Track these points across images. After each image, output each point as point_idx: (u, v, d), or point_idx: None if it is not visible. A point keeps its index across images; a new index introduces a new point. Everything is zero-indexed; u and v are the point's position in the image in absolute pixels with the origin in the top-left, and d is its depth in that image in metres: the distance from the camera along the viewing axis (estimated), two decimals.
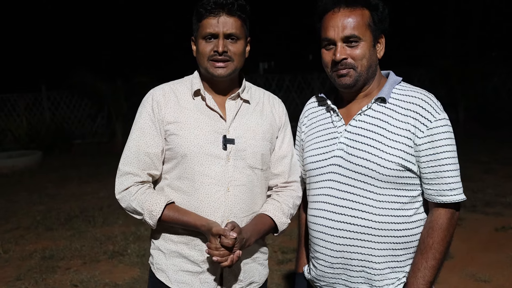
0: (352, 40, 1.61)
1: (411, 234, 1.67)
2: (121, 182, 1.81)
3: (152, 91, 1.86)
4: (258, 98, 1.93)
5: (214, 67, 1.76)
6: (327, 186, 1.70)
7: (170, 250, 1.82)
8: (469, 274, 4.01)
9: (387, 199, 1.63)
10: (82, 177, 8.27)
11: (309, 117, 1.89)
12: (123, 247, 4.93)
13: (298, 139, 1.94)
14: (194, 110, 1.81)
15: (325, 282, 1.76)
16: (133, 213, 1.80)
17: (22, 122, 12.92)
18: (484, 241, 4.74)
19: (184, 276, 1.81)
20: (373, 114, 1.67)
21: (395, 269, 1.67)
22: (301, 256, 1.99)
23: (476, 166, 7.94)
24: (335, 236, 1.67)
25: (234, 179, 1.78)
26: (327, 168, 1.71)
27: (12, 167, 9.36)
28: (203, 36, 1.75)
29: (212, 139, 1.77)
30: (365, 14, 1.62)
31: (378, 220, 1.63)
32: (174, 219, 1.75)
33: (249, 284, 1.88)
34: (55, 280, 4.26)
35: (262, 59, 29.05)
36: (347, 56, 1.63)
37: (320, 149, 1.75)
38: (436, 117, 1.61)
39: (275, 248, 4.73)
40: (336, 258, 1.69)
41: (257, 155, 1.83)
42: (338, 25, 1.61)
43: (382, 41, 1.69)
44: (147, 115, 1.81)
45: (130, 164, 1.80)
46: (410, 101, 1.65)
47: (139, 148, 1.79)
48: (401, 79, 1.74)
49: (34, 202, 7.02)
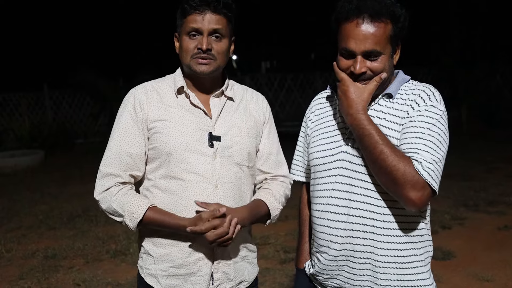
0: (372, 55, 1.59)
1: (416, 228, 1.66)
2: (102, 183, 1.75)
3: (134, 90, 1.82)
4: (241, 95, 1.91)
5: (197, 64, 1.73)
6: (334, 181, 1.70)
7: (159, 253, 1.78)
8: (471, 273, 4.00)
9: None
10: (85, 177, 8.27)
11: (316, 113, 1.88)
12: (125, 246, 4.93)
13: (303, 134, 1.93)
14: (178, 107, 1.78)
15: (328, 275, 1.76)
16: (113, 215, 1.75)
17: (24, 121, 12.96)
18: (487, 240, 4.73)
19: (174, 280, 1.78)
20: (378, 108, 1.68)
21: (399, 264, 1.66)
22: (302, 253, 1.99)
23: (479, 165, 7.94)
24: (339, 228, 1.67)
25: (222, 176, 1.76)
26: (334, 163, 1.70)
27: (15, 167, 9.39)
28: (187, 32, 1.72)
29: (197, 137, 1.75)
30: (387, 27, 1.58)
31: (385, 212, 1.63)
32: (154, 220, 1.71)
33: (240, 283, 1.86)
34: (57, 279, 4.26)
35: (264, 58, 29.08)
36: (366, 70, 1.60)
37: (327, 145, 1.74)
38: (427, 103, 1.60)
39: (278, 247, 4.73)
40: (339, 250, 1.69)
41: (244, 151, 1.82)
42: (360, 38, 1.57)
43: (398, 47, 1.67)
44: (128, 114, 1.77)
45: (111, 165, 1.75)
46: (412, 93, 1.66)
47: (121, 148, 1.75)
48: (409, 77, 1.73)
49: (37, 201, 7.04)
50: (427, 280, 1.69)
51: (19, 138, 11.75)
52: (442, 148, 1.57)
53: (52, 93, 14.13)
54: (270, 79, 15.37)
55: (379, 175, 1.58)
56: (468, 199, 6.03)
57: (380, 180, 1.59)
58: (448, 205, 5.78)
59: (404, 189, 1.51)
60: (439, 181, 1.56)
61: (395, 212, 1.63)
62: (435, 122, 1.58)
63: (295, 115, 14.27)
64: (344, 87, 1.63)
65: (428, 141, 1.55)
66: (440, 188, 1.57)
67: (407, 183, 1.50)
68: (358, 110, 1.59)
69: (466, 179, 6.98)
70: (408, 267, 1.67)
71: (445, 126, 1.60)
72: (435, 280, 1.76)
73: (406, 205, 1.56)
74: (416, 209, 1.56)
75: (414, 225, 1.66)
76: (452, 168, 7.46)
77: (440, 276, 3.85)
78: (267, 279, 4.02)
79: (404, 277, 1.67)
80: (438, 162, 1.55)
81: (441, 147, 1.57)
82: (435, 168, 1.53)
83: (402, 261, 1.66)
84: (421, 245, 1.68)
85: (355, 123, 1.59)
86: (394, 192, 1.56)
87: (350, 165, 1.67)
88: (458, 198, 6.06)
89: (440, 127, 1.58)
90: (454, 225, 5.17)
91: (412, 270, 1.67)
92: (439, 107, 1.60)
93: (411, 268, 1.67)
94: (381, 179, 1.58)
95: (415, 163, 1.51)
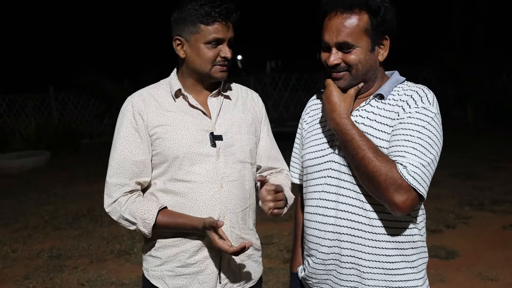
0: (344, 46, 1.59)
1: (406, 234, 1.63)
2: (110, 194, 1.77)
3: (130, 99, 1.82)
4: (237, 93, 1.93)
5: (219, 72, 1.77)
6: (324, 182, 1.69)
7: (165, 255, 1.79)
8: (475, 272, 3.98)
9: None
10: (90, 177, 8.31)
11: (310, 114, 1.88)
12: (129, 246, 4.95)
13: (299, 136, 1.93)
14: (177, 111, 1.79)
15: (317, 279, 1.75)
16: (126, 224, 1.76)
17: (30, 122, 13.05)
18: (492, 239, 4.71)
19: (181, 280, 1.79)
20: (369, 109, 1.66)
21: (387, 270, 1.63)
22: (296, 256, 1.97)
23: (484, 164, 7.89)
24: (327, 231, 1.66)
25: (226, 175, 1.78)
26: (324, 165, 1.70)
27: (21, 167, 9.44)
28: (208, 41, 1.73)
29: (199, 138, 1.76)
30: (362, 19, 1.58)
31: (372, 216, 1.61)
32: (169, 223, 1.72)
33: (246, 282, 1.87)
34: (62, 279, 4.29)
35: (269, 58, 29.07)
36: (340, 62, 1.61)
37: (318, 146, 1.74)
38: (418, 105, 1.57)
39: (281, 247, 4.74)
40: (327, 254, 1.68)
41: (245, 149, 1.83)
42: (333, 30, 1.59)
43: (386, 43, 1.64)
44: (128, 123, 1.77)
45: (116, 175, 1.76)
46: (405, 93, 1.63)
47: (125, 157, 1.76)
48: (404, 79, 1.71)
49: (42, 201, 7.08)
50: (420, 287, 1.65)
51: (26, 139, 11.83)
52: (432, 151, 1.53)
53: (57, 94, 14.21)
54: (275, 79, 15.37)
55: (363, 180, 1.56)
56: (473, 198, 6.00)
57: (364, 185, 1.57)
58: (453, 204, 5.76)
59: (387, 193, 1.49)
60: (427, 185, 1.52)
61: (383, 217, 1.60)
62: (426, 124, 1.54)
63: (300, 115, 14.23)
64: (327, 91, 1.64)
65: (416, 144, 1.51)
66: (444, 187, 1.56)
67: (390, 187, 1.48)
68: (341, 114, 1.59)
69: (471, 178, 6.94)
70: (397, 273, 1.63)
71: (437, 129, 1.56)
72: (438, 279, 1.73)
73: (390, 209, 1.53)
74: (401, 213, 1.53)
75: (404, 231, 1.62)
76: (457, 167, 7.45)
77: (443, 275, 3.84)
78: (271, 279, 4.03)
79: (393, 283, 1.63)
80: (427, 166, 1.51)
81: (431, 150, 1.53)
82: (421, 172, 1.49)
83: (390, 267, 1.62)
84: (413, 251, 1.64)
85: (338, 128, 1.59)
86: (378, 197, 1.54)
87: (338, 167, 1.66)
88: (463, 197, 6.03)
89: (430, 130, 1.54)
90: (459, 224, 5.15)
91: (402, 277, 1.63)
92: (431, 109, 1.56)
93: (401, 275, 1.63)
94: (365, 183, 1.56)
95: (399, 167, 1.49)
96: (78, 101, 14.22)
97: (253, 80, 14.78)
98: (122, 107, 1.83)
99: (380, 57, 1.65)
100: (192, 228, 1.71)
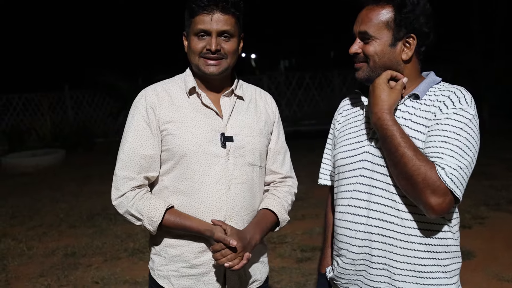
0: (364, 36, 1.61)
1: (439, 237, 1.60)
2: (118, 187, 1.75)
3: (144, 92, 1.81)
4: (250, 95, 1.90)
5: (206, 65, 1.72)
6: (356, 182, 1.67)
7: (171, 254, 1.79)
8: (492, 273, 3.94)
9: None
10: (104, 175, 8.31)
11: (343, 114, 1.86)
12: (143, 244, 4.97)
13: (331, 136, 1.91)
14: (189, 108, 1.77)
15: (346, 280, 1.73)
16: (132, 219, 1.75)
17: (46, 121, 13.18)
18: (508, 239, 4.65)
19: (187, 281, 1.78)
20: (404, 108, 1.64)
21: (418, 273, 1.60)
22: (325, 257, 1.96)
23: (501, 163, 7.80)
24: (358, 231, 1.64)
25: (234, 177, 1.75)
26: (357, 164, 1.68)
27: (37, 166, 9.54)
28: (195, 33, 1.71)
29: (210, 138, 1.74)
30: (386, 13, 1.58)
31: (404, 217, 1.58)
32: (175, 224, 1.71)
33: (252, 283, 1.86)
34: (76, 277, 4.32)
35: (283, 57, 29.01)
36: (359, 51, 1.63)
37: (351, 145, 1.72)
38: (456, 106, 1.54)
39: (295, 246, 4.72)
40: (358, 254, 1.66)
41: (256, 152, 1.81)
42: (359, 20, 1.63)
43: (412, 42, 1.61)
44: (140, 116, 1.75)
45: (125, 168, 1.74)
46: (442, 94, 1.61)
47: (134, 151, 1.74)
48: (440, 79, 1.68)
49: (57, 200, 7.15)
50: None
51: (41, 137, 11.97)
52: (469, 153, 1.50)
53: (72, 93, 14.32)
54: (288, 78, 15.31)
55: (399, 179, 1.53)
56: (489, 198, 5.93)
57: (400, 184, 1.54)
58: (469, 204, 5.68)
59: (424, 195, 1.46)
60: (463, 188, 1.49)
61: (416, 218, 1.57)
62: (464, 126, 1.51)
63: (313, 114, 14.20)
64: (372, 85, 1.62)
65: (454, 146, 1.49)
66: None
67: (427, 189, 1.45)
68: (383, 109, 1.56)
69: (487, 178, 6.85)
70: (429, 276, 1.60)
71: (475, 131, 1.53)
72: None
73: (425, 211, 1.50)
74: (436, 216, 1.51)
75: (437, 234, 1.59)
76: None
77: (460, 276, 3.78)
78: (284, 278, 4.02)
79: (424, 287, 1.61)
80: (464, 169, 1.48)
81: (468, 153, 1.50)
82: (459, 175, 1.47)
83: (421, 269, 1.59)
84: (446, 255, 1.61)
85: (379, 123, 1.56)
86: (414, 197, 1.51)
87: (371, 166, 1.63)
88: (479, 197, 5.96)
89: (468, 132, 1.51)
90: (475, 225, 5.09)
91: (434, 281, 1.61)
92: (469, 111, 1.54)
93: (433, 279, 1.60)
94: (401, 182, 1.53)
95: (438, 169, 1.46)
96: (93, 100, 14.32)
97: (267, 79, 14.76)
98: (135, 100, 1.82)
99: (403, 56, 1.62)
100: (199, 233, 1.71)
